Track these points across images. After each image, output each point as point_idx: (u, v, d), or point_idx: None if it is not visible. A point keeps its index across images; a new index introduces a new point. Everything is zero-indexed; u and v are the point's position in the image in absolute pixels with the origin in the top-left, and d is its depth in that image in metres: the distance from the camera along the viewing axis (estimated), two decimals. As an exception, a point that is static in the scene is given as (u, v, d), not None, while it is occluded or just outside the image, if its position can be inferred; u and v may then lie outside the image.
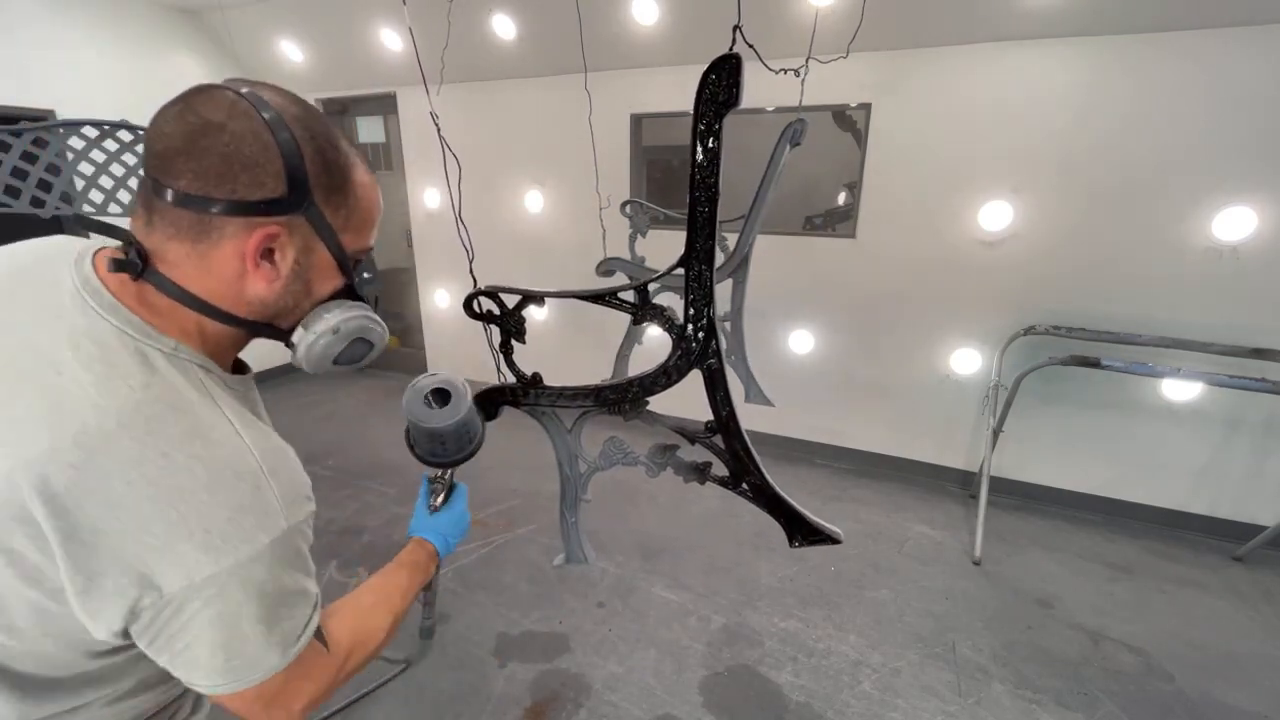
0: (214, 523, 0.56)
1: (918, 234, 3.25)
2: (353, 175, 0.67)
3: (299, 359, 0.70)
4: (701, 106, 0.84)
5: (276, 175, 0.60)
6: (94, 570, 0.54)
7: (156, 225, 0.60)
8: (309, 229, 0.64)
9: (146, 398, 0.56)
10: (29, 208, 2.48)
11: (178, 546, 0.55)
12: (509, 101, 4.11)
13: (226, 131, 0.58)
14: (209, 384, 0.63)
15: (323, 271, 0.68)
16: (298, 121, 0.62)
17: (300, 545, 0.64)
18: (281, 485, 0.61)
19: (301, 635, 0.64)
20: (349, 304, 0.71)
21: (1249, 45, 2.49)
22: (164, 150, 0.58)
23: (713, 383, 1.04)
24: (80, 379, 0.55)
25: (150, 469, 0.54)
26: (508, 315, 1.11)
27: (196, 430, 0.58)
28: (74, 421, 0.53)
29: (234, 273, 0.62)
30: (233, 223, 0.60)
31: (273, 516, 0.60)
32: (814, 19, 2.69)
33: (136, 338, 0.59)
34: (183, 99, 0.60)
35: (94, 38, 3.88)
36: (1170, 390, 2.91)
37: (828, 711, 2.01)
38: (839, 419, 3.78)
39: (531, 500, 3.27)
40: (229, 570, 0.56)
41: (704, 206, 0.90)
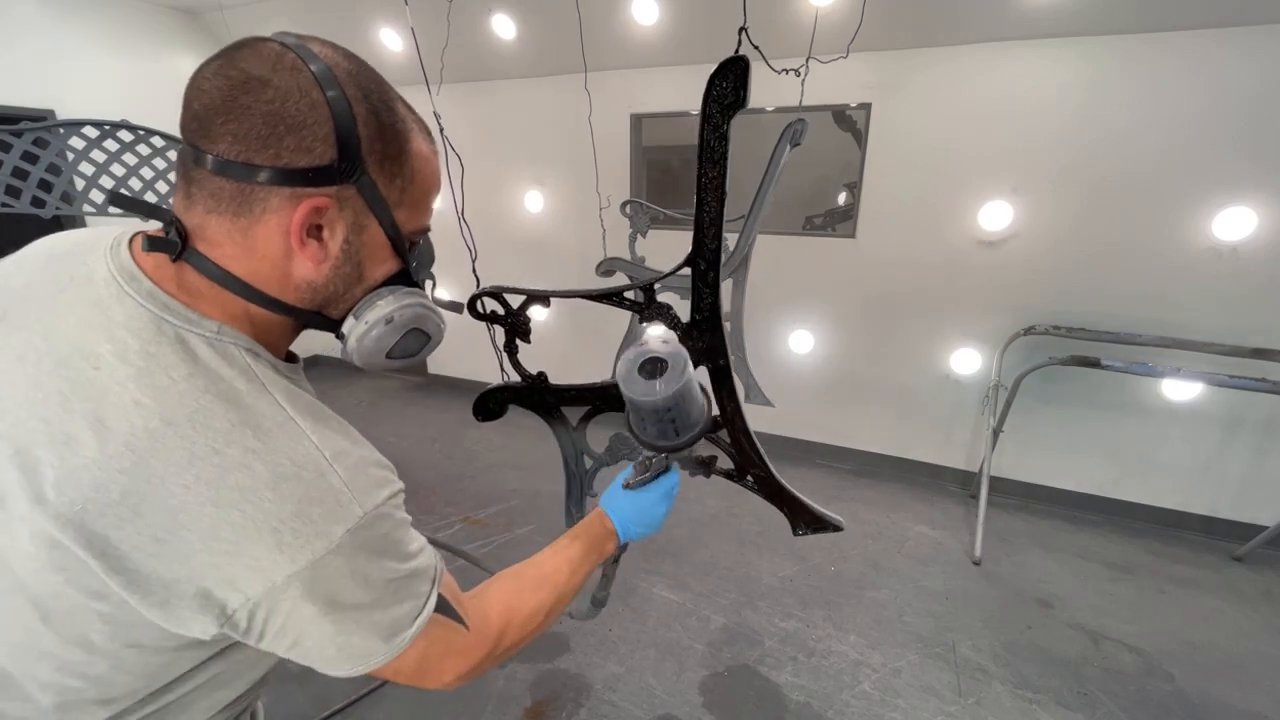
0: (283, 519, 0.52)
1: (918, 234, 3.25)
2: (411, 142, 0.61)
3: (349, 351, 0.65)
4: (709, 108, 0.84)
5: (326, 139, 0.54)
6: (167, 582, 0.51)
7: (195, 198, 0.55)
8: (361, 203, 0.58)
9: (190, 389, 0.52)
10: (29, 208, 2.48)
11: (249, 549, 0.51)
12: (509, 101, 4.11)
13: (271, 87, 0.52)
14: (257, 368, 0.57)
15: (376, 253, 0.62)
16: (351, 78, 0.56)
17: (387, 530, 0.59)
18: (348, 470, 0.56)
19: (416, 620, 0.60)
20: (405, 290, 0.65)
21: (1249, 45, 2.50)
22: (201, 109, 0.53)
23: (719, 379, 1.04)
24: (118, 374, 0.51)
25: (206, 469, 0.50)
26: (512, 315, 1.11)
27: (247, 421, 0.53)
28: (119, 422, 0.50)
29: (279, 252, 0.56)
30: (277, 193, 0.54)
31: (345, 505, 0.55)
32: (814, 19, 2.70)
33: (176, 323, 0.54)
34: (224, 53, 0.54)
35: (94, 38, 3.87)
36: (1170, 390, 2.92)
37: (828, 711, 2.01)
38: (839, 419, 3.78)
39: (532, 500, 3.27)
40: (308, 566, 0.52)
41: (711, 207, 0.90)
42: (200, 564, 0.51)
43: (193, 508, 0.50)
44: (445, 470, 3.63)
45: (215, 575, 0.51)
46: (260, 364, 0.58)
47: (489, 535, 2.94)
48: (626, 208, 3.26)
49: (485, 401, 1.17)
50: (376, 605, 0.58)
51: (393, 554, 0.59)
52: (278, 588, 0.52)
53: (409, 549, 0.62)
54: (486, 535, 2.94)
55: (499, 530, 2.99)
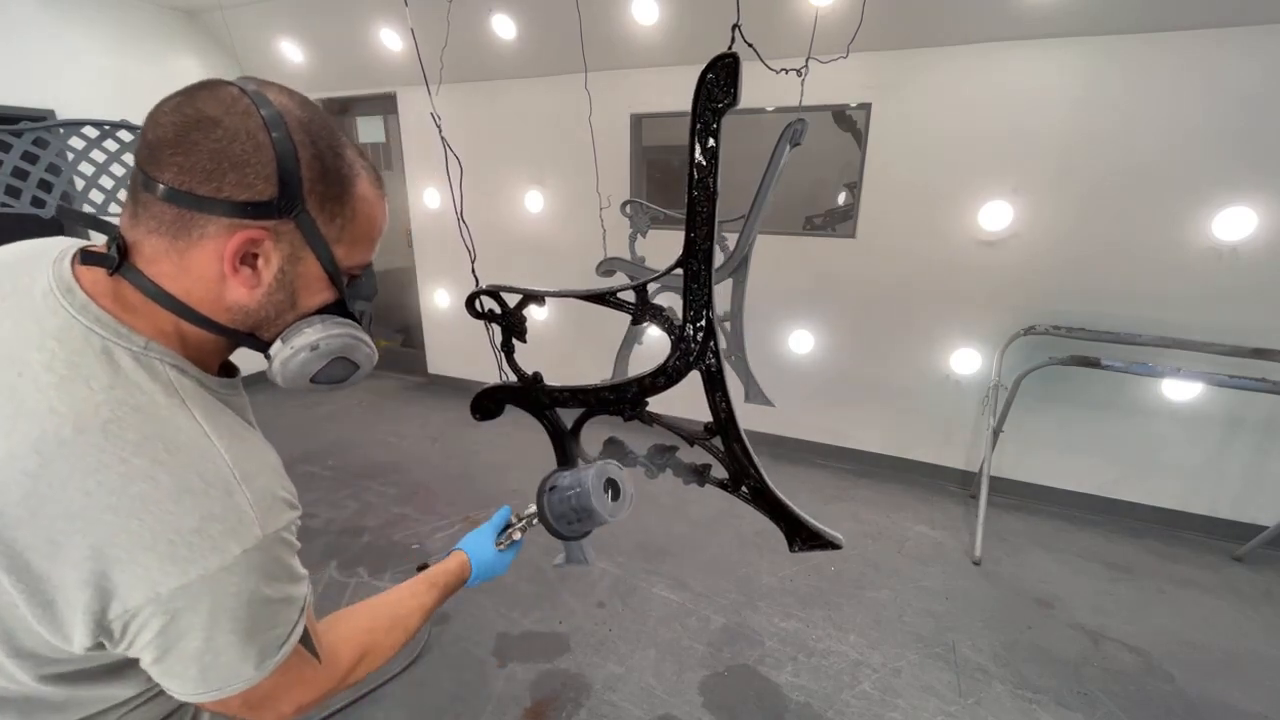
0: (180, 533, 0.53)
1: (918, 234, 3.25)
2: (355, 186, 0.64)
3: (273, 373, 0.66)
4: (699, 106, 0.84)
5: (267, 178, 0.57)
6: (56, 584, 0.52)
7: (140, 218, 0.58)
8: (299, 237, 0.61)
9: (107, 400, 0.54)
10: (29, 208, 2.49)
11: (141, 558, 0.52)
12: (509, 101, 4.11)
13: (220, 127, 0.55)
14: (180, 384, 0.59)
15: (311, 283, 0.65)
16: (300, 125, 0.59)
17: (280, 554, 0.60)
18: (256, 491, 0.58)
19: (283, 645, 0.62)
20: (334, 320, 0.67)
21: (1249, 45, 2.49)
22: (155, 140, 0.56)
23: (711, 383, 1.04)
24: (40, 381, 0.53)
25: (110, 477, 0.52)
26: (509, 314, 1.11)
27: (160, 434, 0.55)
28: (32, 427, 0.51)
29: (213, 275, 0.59)
30: (215, 222, 0.57)
31: (246, 525, 0.56)
32: (814, 19, 2.69)
33: (104, 335, 0.56)
34: (186, 91, 0.58)
35: (94, 38, 3.88)
36: (1170, 390, 2.91)
37: (828, 711, 2.01)
38: (839, 419, 3.78)
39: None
40: (198, 581, 0.53)
41: (703, 206, 0.90)
42: (90, 569, 0.52)
43: (91, 513, 0.51)
44: (445, 470, 3.63)
45: (103, 582, 0.52)
46: (185, 380, 0.60)
47: (488, 535, 2.94)
48: (626, 208, 3.26)
49: (482, 400, 1.17)
50: (253, 629, 0.58)
51: (280, 577, 0.61)
52: (161, 599, 0.53)
53: (295, 574, 0.63)
54: (486, 535, 2.94)
55: (499, 530, 2.98)
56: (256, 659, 0.60)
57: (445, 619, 2.38)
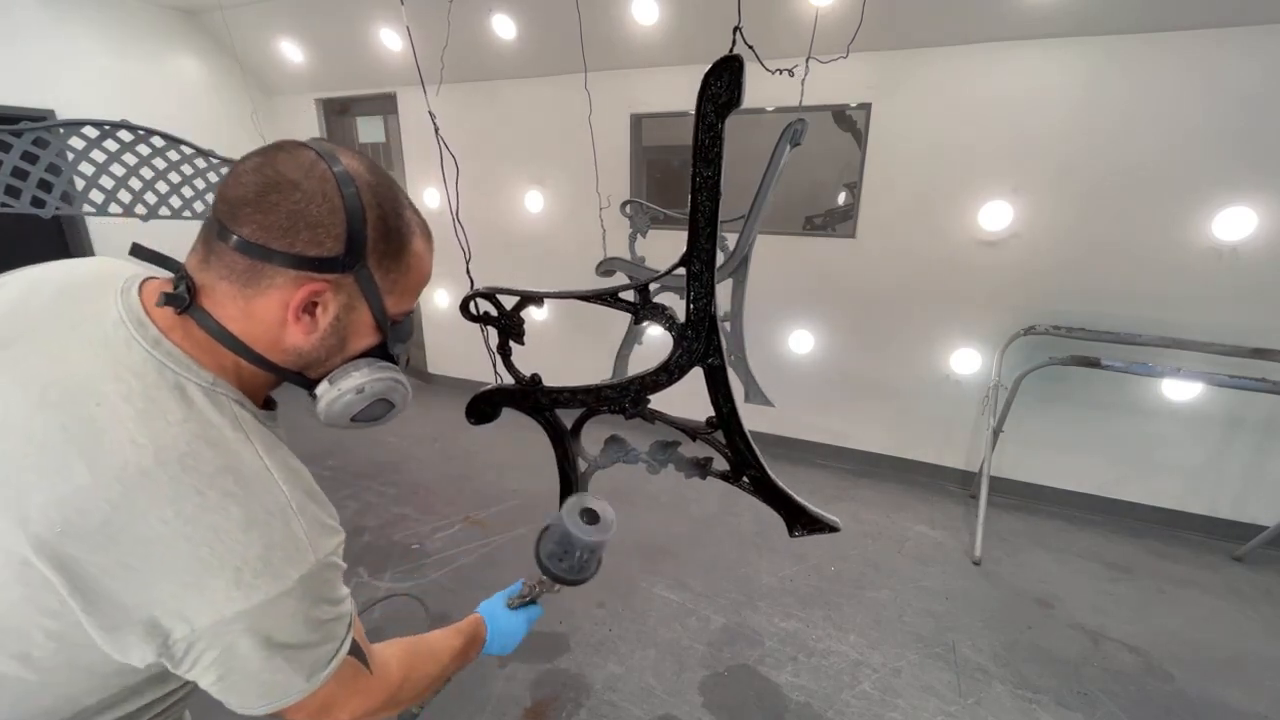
0: (246, 560, 0.57)
1: (918, 234, 3.25)
2: (410, 243, 0.69)
3: (319, 411, 0.71)
4: (703, 107, 0.84)
5: (337, 238, 0.62)
6: (124, 606, 0.55)
7: (212, 264, 0.62)
8: (355, 289, 0.66)
9: (184, 434, 0.57)
10: (29, 208, 2.49)
11: (210, 583, 0.56)
12: (509, 101, 4.11)
13: (299, 190, 0.60)
14: (242, 419, 0.63)
15: (361, 329, 0.70)
16: (369, 188, 0.64)
17: (329, 576, 0.65)
18: (309, 521, 0.63)
19: (333, 659, 0.66)
20: (379, 364, 0.72)
21: (1249, 45, 2.49)
22: (235, 198, 0.60)
23: (714, 380, 1.04)
24: (120, 413, 0.56)
25: (187, 507, 0.55)
26: (505, 317, 1.11)
27: (230, 467, 0.59)
28: (114, 457, 0.54)
29: (275, 320, 0.64)
30: (284, 274, 0.62)
31: (302, 552, 0.61)
32: (814, 19, 2.70)
33: (177, 371, 0.60)
34: (265, 153, 0.62)
35: (94, 38, 3.88)
36: (1170, 390, 2.91)
37: (828, 711, 2.01)
38: (839, 419, 3.78)
39: (531, 500, 3.27)
40: (260, 606, 0.57)
41: (706, 206, 0.90)
42: (159, 593, 0.55)
43: (167, 541, 0.55)
44: (445, 470, 3.63)
45: (170, 604, 0.55)
46: (245, 414, 0.64)
47: (489, 535, 2.94)
48: (626, 208, 3.26)
49: (478, 404, 1.17)
50: (307, 645, 0.63)
51: (329, 599, 0.65)
52: (225, 621, 0.56)
53: (341, 594, 0.68)
54: (486, 535, 2.94)
55: (499, 530, 2.99)
56: (308, 673, 0.64)
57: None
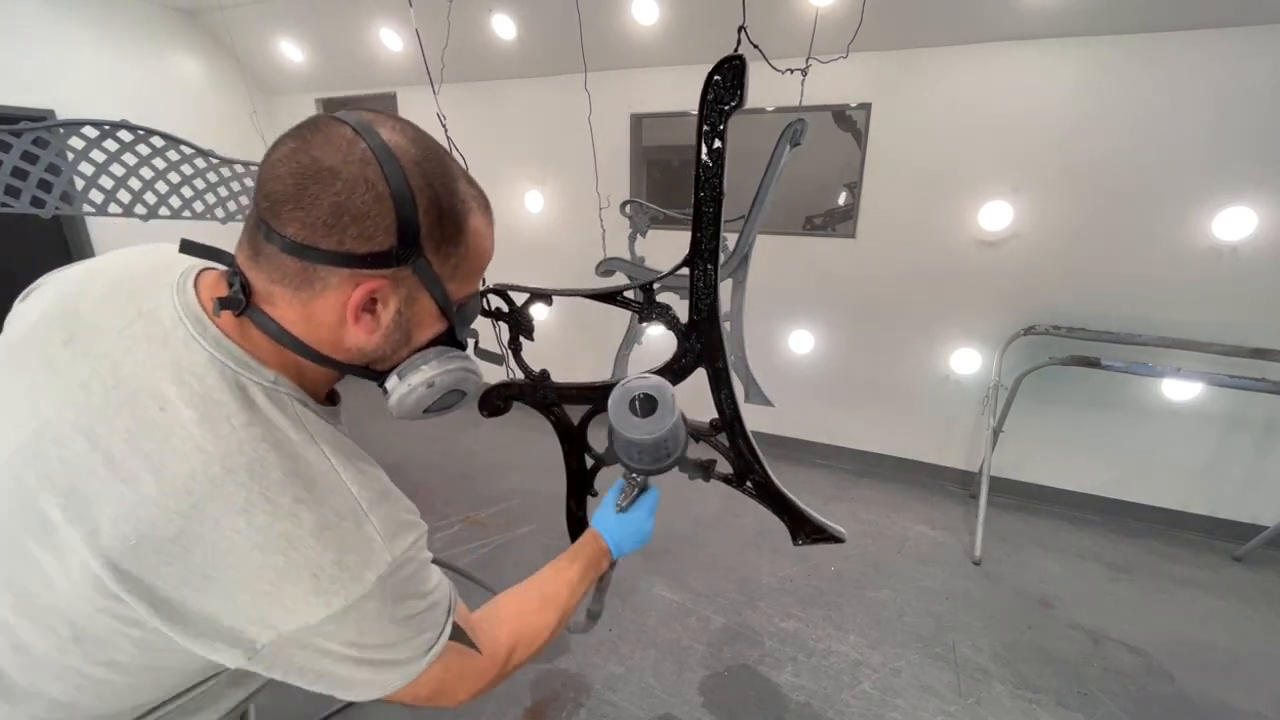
0: (322, 567, 0.55)
1: (918, 234, 3.25)
2: (468, 221, 0.64)
3: (391, 407, 0.68)
4: (706, 107, 0.84)
5: (388, 229, 0.57)
6: (207, 616, 0.54)
7: (262, 266, 0.59)
8: (415, 281, 0.62)
9: (249, 438, 0.55)
10: (29, 208, 2.48)
11: (288, 590, 0.54)
12: (509, 101, 4.11)
13: (339, 179, 0.55)
14: (306, 419, 0.61)
15: (424, 320, 0.66)
16: (417, 167, 0.58)
17: (412, 570, 0.63)
18: (381, 519, 0.60)
19: (433, 648, 0.65)
20: (448, 354, 0.68)
21: (1249, 45, 2.50)
22: (274, 193, 0.56)
23: (717, 381, 1.04)
24: (184, 418, 0.54)
25: (258, 516, 0.54)
26: (517, 313, 1.12)
27: (298, 471, 0.57)
28: (181, 466, 0.53)
29: (335, 321, 0.60)
30: (337, 274, 0.57)
31: (378, 553, 0.59)
32: (814, 19, 2.70)
33: (238, 370, 0.58)
34: (299, 133, 0.57)
35: (94, 38, 3.87)
36: (1170, 390, 2.92)
37: (828, 711, 2.01)
38: (839, 419, 3.78)
39: (531, 500, 3.27)
40: (341, 611, 0.56)
41: (709, 207, 0.90)
42: (239, 602, 0.54)
43: (241, 550, 0.53)
44: (445, 470, 3.63)
45: (251, 613, 0.54)
46: (308, 414, 0.62)
47: (489, 535, 2.94)
48: (626, 208, 3.26)
49: (490, 397, 1.18)
50: (398, 642, 0.61)
51: (415, 594, 0.63)
52: (310, 628, 0.55)
53: (429, 586, 0.66)
54: (486, 535, 2.94)
55: (499, 530, 2.99)
56: (405, 666, 0.63)
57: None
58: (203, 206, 3.04)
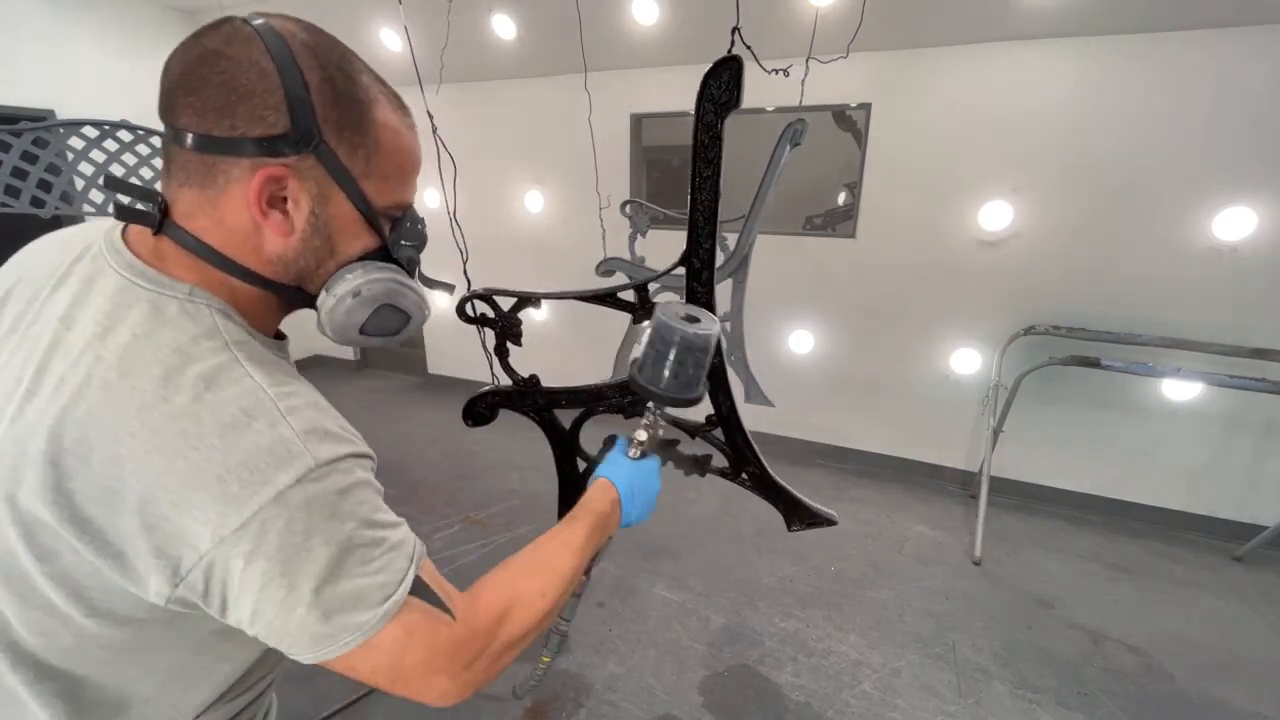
0: (229, 468, 0.50)
1: (918, 234, 3.25)
2: (373, 111, 0.61)
3: (322, 324, 0.64)
4: (703, 108, 0.84)
5: (277, 107, 0.54)
6: (121, 534, 0.50)
7: (172, 173, 0.58)
8: (323, 173, 0.58)
9: (149, 344, 0.53)
10: (29, 208, 2.49)
11: (195, 498, 0.50)
12: (509, 101, 4.11)
13: (224, 58, 0.54)
14: (225, 328, 0.57)
15: (346, 227, 0.62)
16: (305, 48, 0.56)
17: (345, 486, 0.55)
18: (302, 422, 0.55)
19: (389, 599, 0.55)
20: (376, 265, 0.64)
21: (1249, 45, 2.49)
22: (167, 86, 0.56)
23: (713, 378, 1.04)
24: (86, 332, 0.54)
25: (153, 416, 0.50)
26: (503, 318, 1.11)
27: (203, 374, 0.53)
28: (78, 373, 0.52)
29: (248, 224, 0.58)
30: (238, 164, 0.55)
31: (295, 454, 0.52)
32: (814, 19, 2.69)
33: (148, 287, 0.56)
34: (194, 33, 0.57)
35: (94, 38, 3.88)
36: (1170, 390, 2.91)
37: (828, 711, 2.01)
38: (839, 419, 3.78)
39: (531, 500, 3.27)
40: (255, 516, 0.50)
41: (706, 206, 0.90)
42: (150, 514, 0.50)
43: (140, 456, 0.50)
44: (445, 470, 3.63)
45: (166, 528, 0.50)
46: (230, 324, 0.58)
47: (489, 535, 2.94)
48: (626, 208, 3.26)
49: (474, 405, 1.17)
50: (335, 573, 0.53)
51: (352, 516, 0.55)
52: (226, 541, 0.50)
53: (376, 517, 0.57)
54: (486, 535, 2.94)
55: (499, 530, 2.99)
56: (350, 610, 0.54)
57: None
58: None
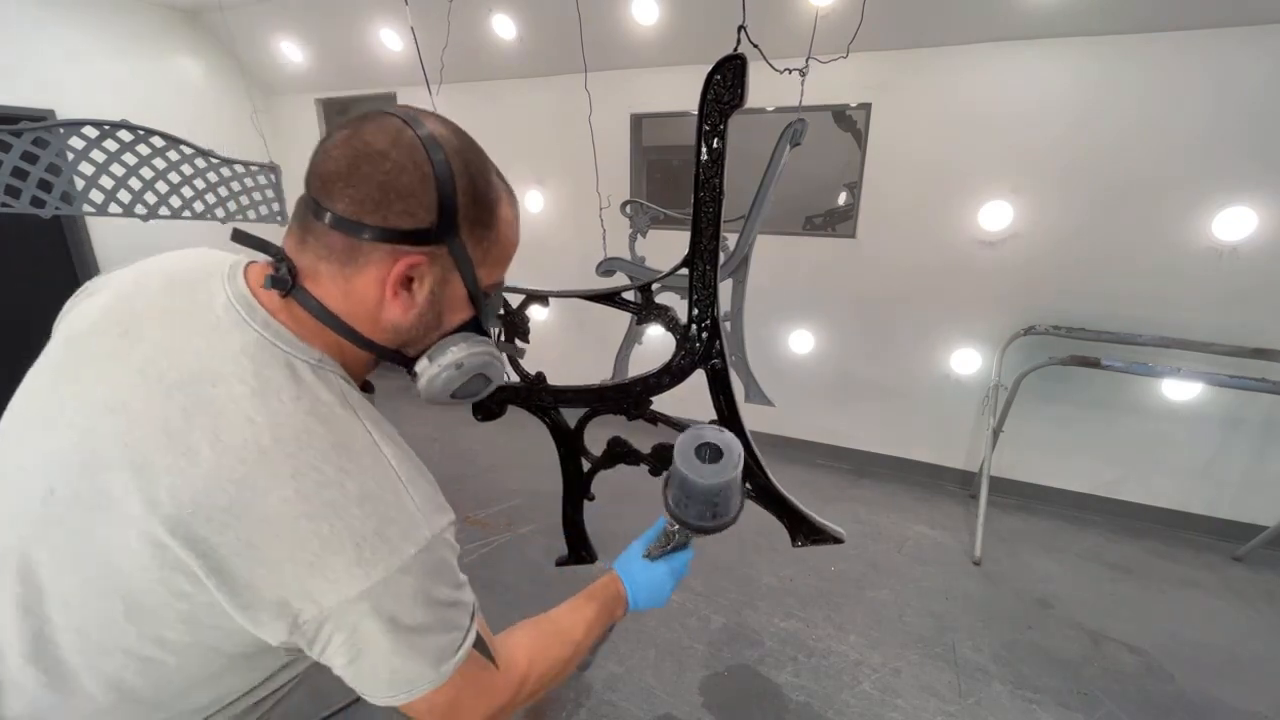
0: (364, 536, 0.57)
1: (918, 234, 3.25)
2: (499, 209, 0.69)
3: (420, 388, 0.72)
4: (706, 107, 0.84)
5: (429, 207, 0.61)
6: (254, 585, 0.55)
7: (309, 245, 0.63)
8: (450, 260, 0.65)
9: (297, 410, 0.58)
10: (29, 208, 2.48)
11: (331, 561, 0.56)
12: (509, 101, 4.11)
13: (388, 159, 0.59)
14: (349, 395, 0.64)
15: (455, 303, 0.70)
16: (457, 154, 0.63)
17: (446, 555, 0.65)
18: (420, 494, 0.63)
19: (460, 648, 0.64)
20: (475, 338, 0.72)
21: (1249, 45, 2.49)
22: (327, 173, 0.60)
23: (716, 382, 1.04)
24: (235, 393, 0.57)
25: (305, 484, 0.56)
26: (511, 315, 1.11)
27: (343, 443, 0.59)
28: (233, 437, 0.56)
29: (374, 298, 0.64)
30: (380, 249, 0.61)
31: (417, 526, 0.60)
32: (814, 19, 2.69)
33: (286, 350, 0.61)
34: (353, 124, 0.62)
35: (94, 38, 3.87)
36: (1170, 390, 2.91)
37: (828, 711, 2.01)
38: (839, 419, 3.78)
39: (532, 500, 3.27)
40: (381, 582, 0.57)
41: (709, 206, 0.90)
42: (285, 573, 0.55)
43: (288, 518, 0.55)
44: (445, 470, 3.63)
45: (295, 585, 0.56)
46: (352, 391, 0.66)
47: (489, 535, 2.94)
48: (626, 208, 3.26)
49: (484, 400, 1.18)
50: (431, 629, 0.62)
51: (448, 579, 0.64)
52: (350, 600, 0.56)
53: (459, 579, 0.67)
54: (486, 535, 2.94)
55: (499, 530, 2.99)
56: (435, 662, 0.62)
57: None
58: (203, 206, 3.04)
